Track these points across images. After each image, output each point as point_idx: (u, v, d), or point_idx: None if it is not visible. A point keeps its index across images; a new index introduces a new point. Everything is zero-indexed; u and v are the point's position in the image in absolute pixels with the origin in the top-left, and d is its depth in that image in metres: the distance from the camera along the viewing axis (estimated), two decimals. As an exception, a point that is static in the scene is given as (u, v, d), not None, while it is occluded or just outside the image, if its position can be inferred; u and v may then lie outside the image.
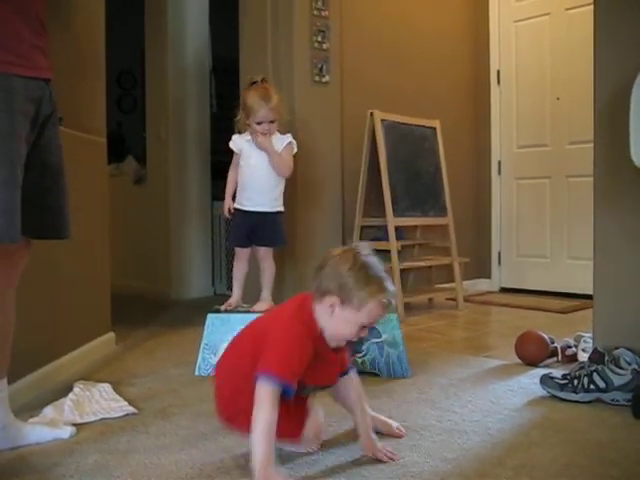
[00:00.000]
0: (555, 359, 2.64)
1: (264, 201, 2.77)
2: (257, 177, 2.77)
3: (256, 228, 2.77)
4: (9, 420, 1.71)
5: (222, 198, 2.95)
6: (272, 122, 2.73)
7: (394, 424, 1.80)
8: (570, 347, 2.66)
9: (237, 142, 2.83)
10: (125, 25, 5.51)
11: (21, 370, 2.10)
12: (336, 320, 1.53)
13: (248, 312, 2.66)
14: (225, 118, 4.67)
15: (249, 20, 3.87)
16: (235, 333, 2.56)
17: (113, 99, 6.65)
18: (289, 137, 2.82)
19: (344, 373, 1.67)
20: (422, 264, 4.10)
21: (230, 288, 2.93)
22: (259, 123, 2.72)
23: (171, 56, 4.80)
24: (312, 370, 1.51)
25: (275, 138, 2.78)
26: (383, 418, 1.81)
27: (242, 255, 2.82)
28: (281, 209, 2.82)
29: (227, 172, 2.90)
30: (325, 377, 1.62)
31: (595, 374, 2.06)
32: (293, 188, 3.64)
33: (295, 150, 2.84)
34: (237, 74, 3.95)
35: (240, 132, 2.82)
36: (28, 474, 1.56)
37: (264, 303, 2.76)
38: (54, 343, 2.42)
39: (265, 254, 2.81)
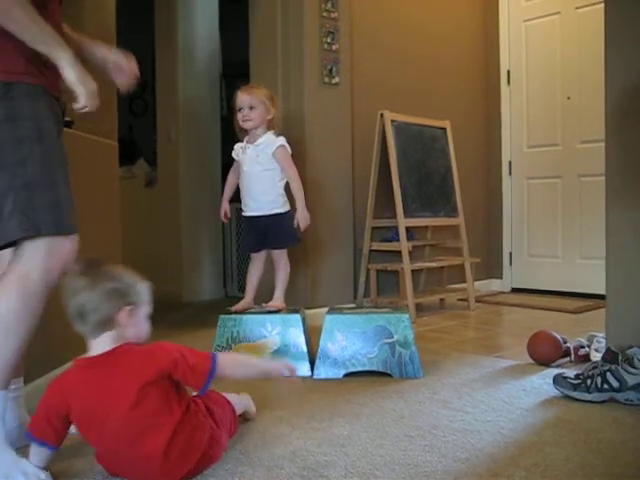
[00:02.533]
0: (568, 359, 2.63)
1: (259, 206, 2.78)
2: (250, 183, 2.80)
3: (264, 232, 2.78)
4: (26, 419, 1.73)
5: (231, 200, 2.97)
6: (252, 108, 2.74)
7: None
8: (583, 347, 2.65)
9: (235, 149, 2.88)
10: (136, 30, 5.53)
11: (34, 373, 2.11)
12: (136, 323, 1.55)
13: (260, 312, 2.67)
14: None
15: (259, 23, 3.88)
16: (246, 334, 2.58)
17: (124, 102, 6.68)
18: (282, 140, 2.78)
19: None
20: (433, 265, 4.09)
21: (241, 290, 2.94)
22: (239, 110, 2.76)
23: (181, 60, 4.82)
24: None
25: (267, 139, 2.77)
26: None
27: (255, 258, 2.85)
28: (281, 210, 2.79)
29: (237, 175, 2.92)
30: None
31: (608, 374, 2.05)
32: (303, 189, 3.65)
33: (290, 152, 2.81)
34: (247, 77, 3.97)
35: (240, 139, 2.88)
36: (43, 474, 1.57)
37: (277, 302, 2.76)
38: (66, 345, 2.43)
39: (279, 255, 2.81)
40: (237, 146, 2.88)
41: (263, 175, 2.76)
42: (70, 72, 1.53)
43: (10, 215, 1.48)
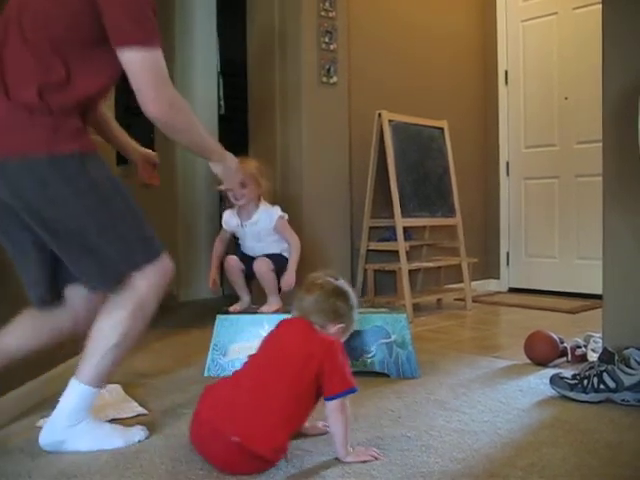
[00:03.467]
0: (564, 359, 2.63)
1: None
2: (255, 252, 2.81)
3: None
4: None
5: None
6: (244, 187, 2.64)
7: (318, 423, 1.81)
8: (579, 347, 2.65)
9: (229, 223, 2.85)
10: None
11: (32, 372, 2.11)
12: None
13: (257, 313, 2.67)
14: (234, 120, 4.69)
15: (257, 21, 3.88)
16: (244, 334, 2.57)
17: (122, 101, 6.67)
18: (277, 210, 2.77)
19: None
20: (430, 265, 4.10)
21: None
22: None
23: (179, 59, 4.81)
24: None
25: (263, 211, 2.76)
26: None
27: (233, 264, 2.80)
28: (284, 253, 2.82)
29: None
30: None
31: (605, 374, 2.06)
32: (300, 189, 3.66)
33: (287, 218, 2.80)
34: (245, 76, 3.96)
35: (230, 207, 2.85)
36: (37, 476, 1.57)
37: (272, 305, 2.75)
38: (63, 345, 2.42)
39: (260, 262, 2.79)
40: (230, 218, 2.84)
41: (269, 246, 2.79)
42: (217, 169, 2.05)
43: (116, 261, 1.72)
